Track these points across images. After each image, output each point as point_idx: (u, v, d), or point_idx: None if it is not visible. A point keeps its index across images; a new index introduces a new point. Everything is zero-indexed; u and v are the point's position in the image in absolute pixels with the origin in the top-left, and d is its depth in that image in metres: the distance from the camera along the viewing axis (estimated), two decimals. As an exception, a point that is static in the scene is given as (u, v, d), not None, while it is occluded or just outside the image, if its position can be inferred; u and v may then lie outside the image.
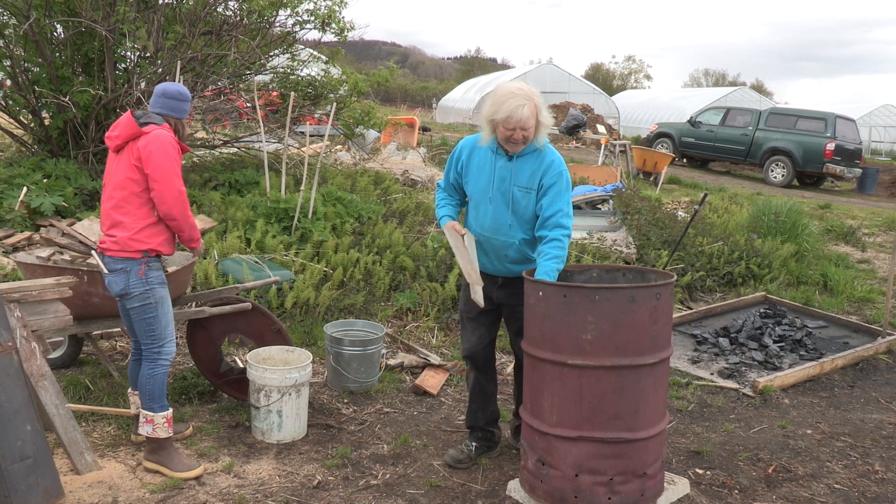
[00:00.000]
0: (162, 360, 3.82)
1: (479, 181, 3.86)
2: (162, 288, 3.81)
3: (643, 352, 3.38)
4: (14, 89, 8.58)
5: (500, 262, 3.90)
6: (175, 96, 3.85)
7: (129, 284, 3.71)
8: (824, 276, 8.67)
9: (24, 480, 3.29)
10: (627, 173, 15.15)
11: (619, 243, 8.16)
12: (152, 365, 3.80)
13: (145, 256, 3.72)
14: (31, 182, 7.58)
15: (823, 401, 5.38)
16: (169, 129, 3.79)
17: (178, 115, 3.86)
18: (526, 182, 3.77)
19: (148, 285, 3.74)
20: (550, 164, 3.77)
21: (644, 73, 69.39)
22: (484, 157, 3.86)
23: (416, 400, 5.02)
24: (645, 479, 3.48)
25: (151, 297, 3.75)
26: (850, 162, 18.60)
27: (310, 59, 10.67)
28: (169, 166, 3.66)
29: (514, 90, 3.66)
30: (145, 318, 3.77)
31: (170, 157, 3.67)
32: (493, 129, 3.74)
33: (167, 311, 3.84)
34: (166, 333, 3.83)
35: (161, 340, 3.81)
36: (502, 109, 3.62)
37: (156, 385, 3.80)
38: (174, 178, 3.68)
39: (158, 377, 3.81)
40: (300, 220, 7.51)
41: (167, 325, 3.84)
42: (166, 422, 3.81)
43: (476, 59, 74.23)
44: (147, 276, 3.73)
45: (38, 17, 7.84)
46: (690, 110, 26.52)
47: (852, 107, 27.04)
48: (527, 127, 3.64)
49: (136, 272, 3.70)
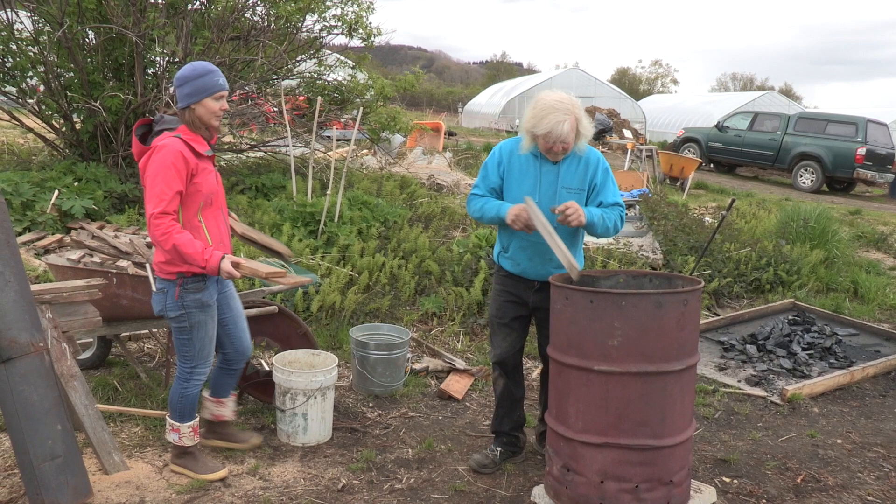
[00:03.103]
0: (194, 381, 3.71)
1: (524, 185, 3.84)
2: (201, 312, 3.60)
3: (670, 358, 3.35)
4: (47, 94, 8.72)
5: (543, 266, 3.88)
6: (180, 81, 3.44)
7: (165, 306, 3.58)
8: (855, 283, 8.54)
9: (54, 479, 3.34)
10: (654, 178, 15.05)
11: (646, 249, 8.11)
12: (185, 385, 3.70)
13: (180, 278, 3.52)
14: (63, 185, 7.70)
15: (854, 410, 5.29)
16: (184, 132, 3.47)
17: (193, 99, 3.43)
18: (576, 184, 3.81)
19: (183, 308, 3.56)
20: (598, 163, 3.86)
21: (671, 78, 68.91)
22: (526, 162, 3.86)
23: (440, 404, 5.02)
24: (671, 486, 3.45)
25: (187, 321, 3.59)
26: (882, 167, 18.30)
27: (336, 64, 10.73)
28: (153, 186, 3.35)
29: (554, 104, 3.64)
30: (180, 338, 3.65)
31: (157, 176, 3.35)
32: (532, 139, 3.76)
33: (203, 336, 3.65)
34: (200, 357, 3.69)
35: (192, 363, 3.69)
36: (542, 125, 3.63)
37: (186, 404, 3.73)
38: (152, 199, 3.35)
39: (189, 397, 3.73)
40: (326, 224, 7.55)
41: (201, 349, 3.68)
42: (192, 431, 3.79)
43: (502, 64, 74.03)
44: (183, 298, 3.54)
45: (71, 23, 7.97)
46: (718, 115, 26.24)
47: (885, 111, 26.55)
48: (567, 141, 3.67)
49: (172, 294, 3.54)
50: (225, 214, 3.78)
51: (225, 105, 3.54)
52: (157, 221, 3.34)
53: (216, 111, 3.49)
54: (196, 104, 3.45)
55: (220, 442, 4.12)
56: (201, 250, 3.40)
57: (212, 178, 3.57)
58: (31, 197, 7.38)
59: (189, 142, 3.45)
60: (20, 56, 8.32)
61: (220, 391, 4.07)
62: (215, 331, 3.74)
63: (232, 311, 3.89)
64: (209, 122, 3.51)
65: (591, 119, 19.86)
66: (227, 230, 3.75)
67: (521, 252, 3.90)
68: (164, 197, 3.34)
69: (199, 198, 3.51)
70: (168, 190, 3.35)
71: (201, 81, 3.42)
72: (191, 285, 3.54)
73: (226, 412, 4.09)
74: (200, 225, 3.55)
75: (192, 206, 3.51)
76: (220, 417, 4.08)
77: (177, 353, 3.71)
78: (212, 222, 3.61)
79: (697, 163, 16.67)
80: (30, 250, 6.62)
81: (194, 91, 3.42)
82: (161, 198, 3.34)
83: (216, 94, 3.46)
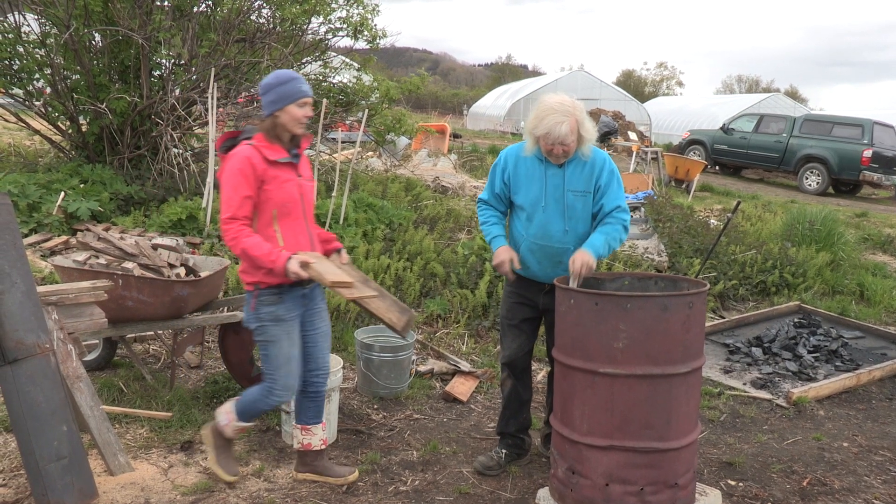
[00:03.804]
0: (272, 398, 3.57)
1: (531, 191, 3.85)
2: (276, 325, 3.49)
3: (675, 361, 3.35)
4: (53, 96, 8.76)
5: (552, 268, 3.88)
6: (264, 89, 3.44)
7: (246, 318, 3.55)
8: (861, 285, 8.51)
9: (60, 480, 3.34)
10: (659, 180, 15.03)
11: (651, 251, 8.09)
12: (265, 393, 3.58)
13: (256, 289, 3.46)
14: (69, 187, 7.72)
15: (860, 413, 5.28)
16: (259, 139, 3.43)
17: (276, 106, 3.39)
18: (582, 186, 3.81)
19: (259, 321, 3.49)
20: (603, 164, 3.84)
21: (676, 80, 68.69)
22: (532, 167, 3.86)
23: (445, 407, 5.02)
24: (676, 489, 3.44)
25: (262, 335, 3.51)
26: (889, 169, 18.23)
27: (342, 67, 10.75)
28: (223, 192, 3.37)
29: (554, 106, 3.66)
30: (262, 353, 3.56)
31: (226, 183, 3.37)
32: (535, 141, 3.77)
33: (278, 354, 3.52)
34: (279, 377, 3.54)
35: (272, 379, 3.55)
36: (541, 126, 3.65)
37: (253, 410, 3.64)
38: (222, 205, 3.37)
39: (260, 405, 3.62)
40: (331, 226, 7.55)
41: (278, 367, 3.53)
42: (240, 430, 3.73)
43: (507, 66, 74.03)
44: (258, 311, 3.48)
45: (78, 26, 8.01)
46: (723, 117, 26.20)
47: (891, 112, 26.45)
48: (566, 143, 3.67)
49: (249, 306, 3.50)
50: (311, 226, 3.64)
51: (309, 112, 3.47)
52: (226, 226, 3.35)
53: (300, 118, 3.44)
54: (279, 111, 3.41)
55: (313, 475, 3.86)
56: (269, 251, 3.34)
57: (289, 187, 3.47)
58: (37, 199, 7.40)
59: (261, 149, 3.40)
60: (27, 58, 8.35)
61: (302, 416, 3.84)
62: (296, 350, 3.59)
63: (315, 330, 3.73)
64: (293, 130, 3.47)
65: (597, 121, 19.76)
66: (308, 242, 3.58)
67: (531, 255, 3.90)
68: (232, 202, 3.34)
69: (270, 206, 3.43)
70: (235, 195, 3.34)
71: (284, 88, 3.39)
72: (266, 297, 3.46)
73: (313, 441, 3.84)
74: (276, 234, 3.45)
75: (264, 214, 3.44)
76: (308, 447, 3.84)
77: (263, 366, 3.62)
78: (289, 232, 3.49)
79: (703, 165, 16.64)
80: (36, 252, 6.64)
81: (277, 98, 3.39)
82: (229, 203, 3.34)
83: (299, 101, 3.42)
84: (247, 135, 3.48)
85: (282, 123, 3.44)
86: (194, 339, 5.01)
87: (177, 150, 8.51)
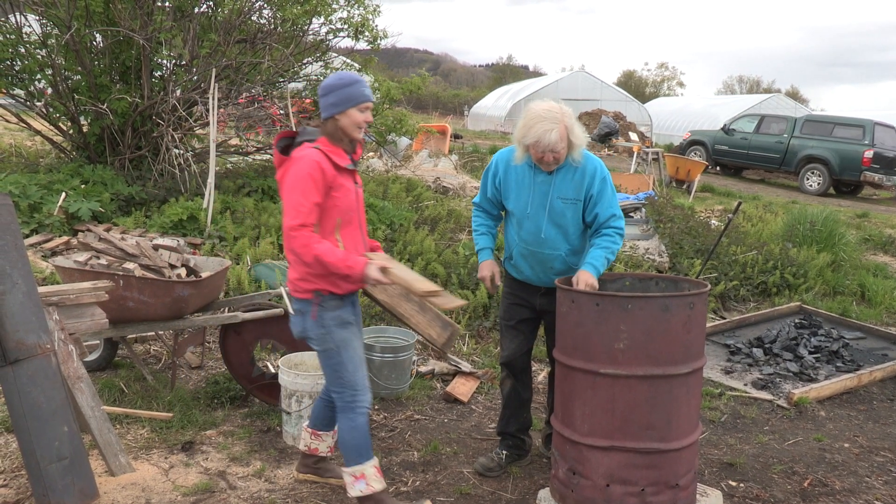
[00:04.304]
0: (359, 408, 3.38)
1: (520, 198, 3.84)
2: (343, 329, 3.35)
3: (676, 361, 3.35)
4: (55, 97, 8.77)
5: (545, 273, 3.89)
6: (325, 90, 3.27)
7: (305, 328, 3.37)
8: (862, 286, 8.51)
9: (60, 480, 3.35)
10: (660, 181, 15.03)
11: (652, 252, 8.09)
12: (351, 416, 3.39)
13: (317, 296, 3.30)
14: (70, 187, 7.72)
15: (861, 414, 5.27)
16: (324, 143, 3.28)
17: (338, 109, 3.25)
18: (570, 194, 3.76)
19: (324, 328, 3.32)
20: (594, 173, 3.76)
21: (677, 81, 68.68)
22: (522, 173, 3.84)
23: (446, 407, 5.02)
24: (677, 490, 3.44)
25: (331, 341, 3.33)
26: (890, 169, 18.22)
27: (343, 67, 10.75)
28: (290, 198, 3.19)
29: (543, 113, 3.61)
30: (330, 364, 3.38)
31: (294, 188, 3.19)
32: (524, 150, 3.73)
33: (353, 356, 3.38)
34: (356, 380, 3.38)
35: (352, 388, 3.37)
36: (531, 134, 3.61)
37: (360, 436, 3.40)
38: (289, 211, 3.19)
39: (360, 427, 3.40)
40: (332, 227, 7.55)
41: (355, 370, 3.38)
42: (376, 470, 3.46)
43: (508, 67, 74.06)
44: (321, 318, 3.32)
45: (79, 26, 8.01)
46: (724, 118, 26.19)
47: (892, 113, 26.42)
48: (556, 150, 3.62)
49: (309, 315, 3.33)
50: (364, 236, 3.54)
51: (369, 117, 3.34)
52: (295, 233, 3.17)
53: (360, 122, 3.30)
54: (340, 115, 3.26)
55: (314, 477, 3.85)
56: (344, 257, 3.22)
57: (351, 195, 3.37)
58: (38, 199, 7.41)
59: (328, 154, 3.26)
60: (28, 59, 8.36)
61: (316, 422, 3.77)
62: (363, 351, 3.49)
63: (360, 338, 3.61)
64: (352, 134, 3.32)
65: (598, 122, 19.74)
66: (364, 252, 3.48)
67: (523, 260, 3.91)
68: (301, 209, 3.17)
69: (335, 213, 3.30)
70: (305, 201, 3.18)
71: (347, 91, 3.24)
72: (329, 303, 3.32)
73: (321, 447, 3.79)
74: (337, 244, 3.32)
75: (328, 222, 3.30)
76: (315, 451, 3.80)
77: (332, 382, 3.41)
78: (349, 242, 3.37)
79: (704, 165, 16.63)
80: (37, 252, 6.65)
81: (339, 101, 3.24)
82: (299, 209, 3.17)
83: (361, 105, 3.27)
84: (308, 137, 3.32)
85: (342, 127, 3.29)
86: (195, 339, 5.01)
87: (178, 151, 8.51)
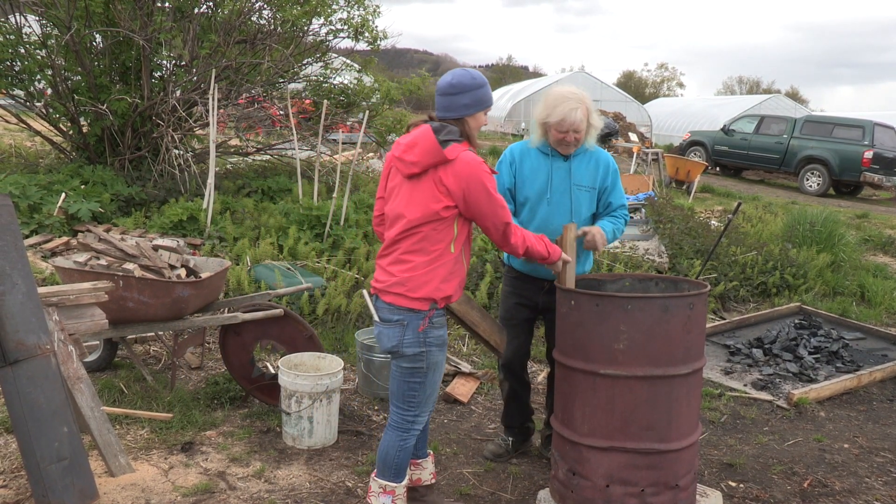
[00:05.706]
0: (414, 430, 3.26)
1: (535, 183, 3.85)
2: (440, 351, 3.16)
3: (676, 362, 3.35)
4: (55, 98, 8.78)
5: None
6: (456, 89, 3.05)
7: (402, 342, 3.09)
8: (862, 286, 8.51)
9: (60, 481, 3.35)
10: (660, 182, 15.03)
11: (652, 252, 8.09)
12: (405, 436, 3.25)
13: (432, 308, 3.09)
14: (69, 188, 7.73)
15: (861, 414, 5.27)
16: (467, 146, 3.09)
17: (471, 110, 3.06)
18: (587, 181, 3.85)
19: (424, 346, 3.10)
20: (608, 164, 3.91)
21: (677, 81, 68.77)
22: (537, 160, 3.87)
23: (446, 408, 5.02)
24: (677, 490, 3.44)
25: (425, 361, 3.12)
26: (889, 170, 18.23)
27: (343, 68, 10.77)
28: (490, 200, 3.04)
29: (566, 94, 3.71)
30: (411, 382, 3.16)
31: (491, 190, 3.03)
32: (544, 131, 3.78)
33: (437, 380, 3.21)
34: (428, 403, 3.24)
35: (418, 409, 3.22)
36: (556, 112, 3.66)
37: (405, 457, 3.28)
38: (497, 210, 3.06)
39: (408, 450, 3.28)
40: (332, 227, 7.56)
41: (432, 394, 3.23)
42: (405, 493, 3.38)
43: (508, 67, 74.05)
44: (427, 333, 3.09)
45: (79, 27, 8.02)
46: (724, 118, 26.21)
47: (892, 114, 26.45)
48: (579, 129, 3.69)
49: (414, 327, 3.07)
50: None
51: (486, 121, 3.22)
52: (514, 229, 3.15)
53: (481, 126, 3.18)
54: (470, 116, 3.09)
55: None
56: (547, 242, 3.34)
57: None
58: (38, 200, 7.41)
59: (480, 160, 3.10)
60: (28, 59, 8.37)
61: (416, 450, 3.60)
62: None
63: None
64: (474, 137, 3.16)
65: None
66: None
67: None
68: (504, 207, 3.09)
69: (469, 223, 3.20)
70: (501, 199, 3.09)
71: (482, 92, 3.08)
72: (437, 318, 3.12)
73: (423, 475, 3.66)
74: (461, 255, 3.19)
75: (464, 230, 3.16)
76: (419, 482, 3.66)
77: (399, 398, 3.22)
78: (468, 254, 3.29)
79: (703, 166, 16.64)
80: (37, 253, 6.65)
81: (473, 102, 3.07)
82: (504, 207, 3.09)
83: (487, 109, 3.15)
84: (454, 137, 3.04)
85: (468, 129, 3.11)
86: (195, 340, 5.01)
87: (178, 152, 8.52)
